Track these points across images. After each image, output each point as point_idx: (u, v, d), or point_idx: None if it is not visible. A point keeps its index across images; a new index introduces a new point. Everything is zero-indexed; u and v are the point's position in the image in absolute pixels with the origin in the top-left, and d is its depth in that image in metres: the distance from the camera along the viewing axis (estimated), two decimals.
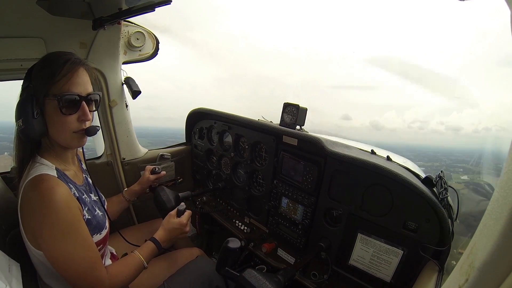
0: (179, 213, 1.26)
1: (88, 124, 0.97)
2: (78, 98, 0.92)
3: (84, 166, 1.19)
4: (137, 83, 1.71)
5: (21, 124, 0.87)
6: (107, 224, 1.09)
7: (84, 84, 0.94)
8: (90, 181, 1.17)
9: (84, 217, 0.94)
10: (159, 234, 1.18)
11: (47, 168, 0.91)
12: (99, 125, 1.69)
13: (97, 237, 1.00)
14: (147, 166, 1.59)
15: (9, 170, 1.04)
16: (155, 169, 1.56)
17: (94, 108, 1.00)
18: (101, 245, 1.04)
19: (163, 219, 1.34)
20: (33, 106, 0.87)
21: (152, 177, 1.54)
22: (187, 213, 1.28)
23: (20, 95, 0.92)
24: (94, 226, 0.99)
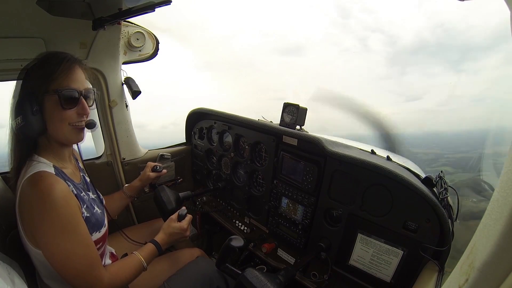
0: (180, 218, 1.26)
1: (86, 119, 1.00)
2: (77, 93, 0.95)
3: (81, 165, 1.19)
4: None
5: (20, 121, 0.88)
6: (106, 222, 1.09)
7: (81, 80, 0.98)
8: (88, 180, 1.17)
9: (83, 215, 0.94)
10: (159, 237, 1.18)
11: (45, 165, 0.91)
12: (98, 121, 1.70)
13: (97, 235, 1.00)
14: (149, 163, 1.59)
15: (9, 170, 1.04)
16: (156, 167, 1.56)
17: (91, 104, 1.03)
18: (101, 243, 1.04)
19: (163, 219, 1.34)
20: (32, 103, 0.89)
21: (153, 175, 1.54)
22: (188, 217, 1.28)
23: (16, 95, 0.93)
24: (93, 224, 0.99)
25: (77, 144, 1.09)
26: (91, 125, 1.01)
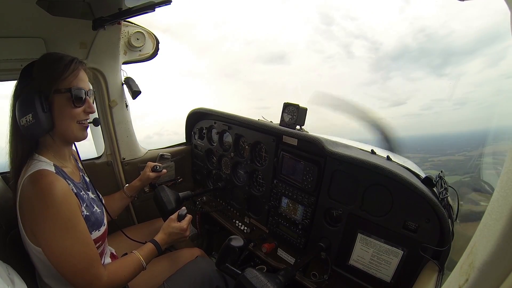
0: (180, 218, 1.26)
1: (91, 116, 1.06)
2: (85, 93, 0.99)
3: (80, 165, 1.20)
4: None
5: (31, 118, 0.89)
6: (105, 221, 1.10)
7: (86, 81, 1.03)
8: (88, 180, 1.18)
9: (82, 213, 0.95)
10: (159, 237, 1.19)
11: (45, 164, 0.92)
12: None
13: (96, 234, 1.01)
14: (149, 163, 1.59)
15: (9, 169, 1.04)
16: (156, 167, 1.56)
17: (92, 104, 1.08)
18: (100, 242, 1.04)
19: (163, 219, 1.34)
20: (42, 101, 0.90)
21: (153, 174, 1.54)
22: (188, 217, 1.28)
23: (19, 94, 0.93)
24: (92, 223, 0.99)
25: (74, 145, 1.11)
26: (97, 122, 1.13)
